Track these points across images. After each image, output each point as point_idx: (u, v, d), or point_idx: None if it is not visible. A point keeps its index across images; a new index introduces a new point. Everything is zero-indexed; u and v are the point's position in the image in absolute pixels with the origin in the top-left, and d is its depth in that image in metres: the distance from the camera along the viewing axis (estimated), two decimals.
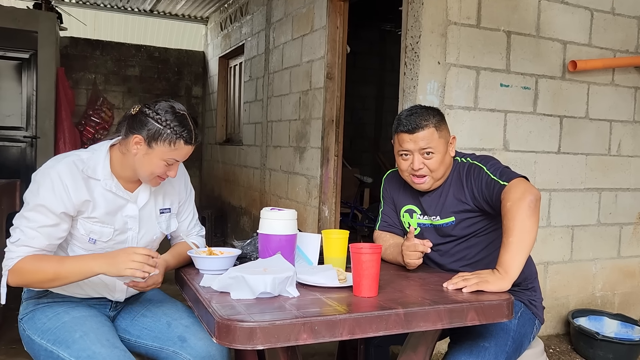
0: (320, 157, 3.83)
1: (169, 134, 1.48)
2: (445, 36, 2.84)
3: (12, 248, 1.45)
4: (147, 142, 1.49)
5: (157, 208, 1.67)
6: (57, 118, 5.84)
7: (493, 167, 1.66)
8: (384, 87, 7.93)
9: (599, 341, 2.91)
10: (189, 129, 1.51)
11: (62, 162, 1.49)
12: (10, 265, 1.44)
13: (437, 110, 1.75)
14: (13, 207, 3.16)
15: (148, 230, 1.65)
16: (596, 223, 3.40)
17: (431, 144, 1.68)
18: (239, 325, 1.12)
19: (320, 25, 3.85)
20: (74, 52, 6.81)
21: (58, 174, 1.46)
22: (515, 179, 1.58)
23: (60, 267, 1.43)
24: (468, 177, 1.70)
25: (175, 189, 1.73)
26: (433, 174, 1.70)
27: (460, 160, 1.77)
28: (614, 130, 3.41)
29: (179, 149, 1.51)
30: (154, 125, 1.48)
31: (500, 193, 1.58)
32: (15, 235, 1.46)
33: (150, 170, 1.53)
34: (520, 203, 1.49)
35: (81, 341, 1.47)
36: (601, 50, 3.30)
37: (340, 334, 1.19)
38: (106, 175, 1.53)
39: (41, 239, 1.45)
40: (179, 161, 1.56)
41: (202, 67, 7.48)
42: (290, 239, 1.60)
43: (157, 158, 1.50)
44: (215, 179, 6.81)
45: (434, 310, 1.29)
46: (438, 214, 1.76)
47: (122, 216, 1.58)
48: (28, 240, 1.45)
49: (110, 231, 1.55)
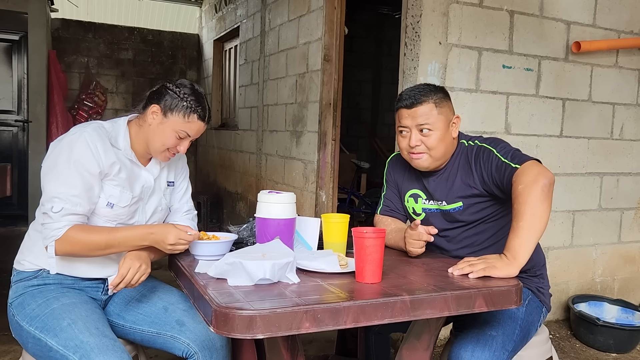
0: (317, 141, 3.76)
1: (185, 105, 1.56)
2: (447, 15, 2.76)
3: (56, 217, 1.45)
4: (163, 111, 1.57)
5: (164, 181, 1.73)
6: (49, 102, 5.72)
7: (503, 150, 1.59)
8: (380, 72, 7.84)
9: (600, 327, 2.88)
10: (203, 106, 1.59)
11: (88, 127, 1.54)
12: (59, 235, 1.45)
13: (441, 88, 1.69)
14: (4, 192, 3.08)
15: (155, 201, 1.69)
16: (597, 208, 3.35)
17: (429, 120, 1.61)
18: (237, 314, 1.06)
19: (317, 5, 3.76)
20: (65, 35, 6.67)
21: (89, 136, 1.51)
22: (528, 162, 1.52)
23: (111, 237, 1.49)
24: (477, 160, 1.63)
25: (179, 165, 1.81)
26: (431, 152, 1.64)
27: (467, 144, 1.70)
28: (617, 114, 3.35)
29: (192, 123, 1.58)
30: (172, 97, 1.56)
31: (511, 176, 1.51)
32: (56, 204, 1.45)
33: (163, 141, 1.58)
34: (533, 186, 1.43)
35: (69, 329, 1.43)
36: (605, 31, 3.23)
37: (344, 322, 1.14)
38: (126, 147, 1.60)
39: (84, 204, 1.48)
40: (190, 137, 1.60)
41: (196, 50, 7.36)
42: (289, 223, 1.54)
43: (170, 129, 1.57)
44: (211, 165, 6.73)
45: (441, 297, 1.24)
46: (444, 198, 1.69)
47: (140, 185, 1.63)
48: (72, 207, 1.46)
49: (129, 197, 1.59)
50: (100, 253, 1.52)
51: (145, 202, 1.67)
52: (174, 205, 1.79)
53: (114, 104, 6.97)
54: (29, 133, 5.63)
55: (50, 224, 1.45)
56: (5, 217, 5.48)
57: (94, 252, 1.51)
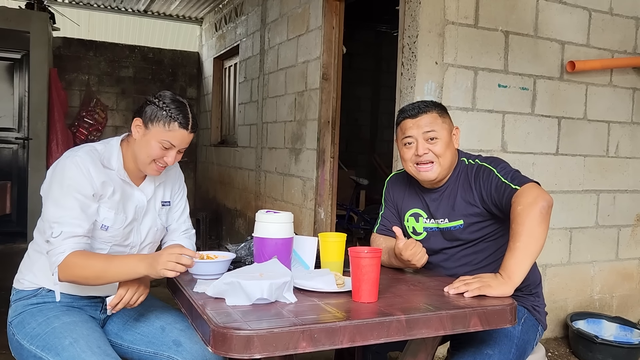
0: (316, 158, 3.79)
1: (164, 114, 1.54)
2: (442, 36, 2.80)
3: (56, 242, 1.45)
4: (145, 123, 1.56)
5: (158, 201, 1.73)
6: (50, 119, 5.76)
7: (504, 170, 1.62)
8: (379, 89, 7.91)
9: (598, 345, 2.88)
10: (185, 114, 1.56)
11: (79, 151, 1.55)
12: (60, 261, 1.44)
13: (440, 103, 1.75)
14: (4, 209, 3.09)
15: (149, 221, 1.69)
16: (594, 225, 3.37)
17: (435, 128, 1.65)
18: (235, 334, 1.07)
19: (315, 25, 3.82)
20: (67, 53, 6.74)
21: (80, 160, 1.52)
22: (528, 184, 1.54)
23: (107, 266, 1.46)
24: (477, 178, 1.66)
25: (176, 184, 1.81)
26: (440, 160, 1.66)
27: (467, 162, 1.73)
28: (612, 132, 3.39)
29: (173, 131, 1.55)
30: (152, 108, 1.56)
31: (511, 196, 1.53)
32: (55, 229, 1.46)
33: (147, 153, 1.57)
34: (532, 208, 1.45)
35: (71, 348, 1.44)
36: (599, 50, 3.28)
37: (341, 342, 1.15)
38: (119, 166, 1.60)
39: (84, 224, 1.49)
40: (175, 147, 1.58)
41: (196, 68, 7.43)
42: (286, 243, 1.56)
43: (154, 140, 1.55)
44: (210, 181, 6.76)
45: (436, 316, 1.25)
46: (447, 216, 1.71)
47: (133, 206, 1.63)
48: (72, 229, 1.46)
49: (123, 219, 1.60)
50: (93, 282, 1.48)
51: (140, 223, 1.67)
52: (171, 225, 1.80)
53: (114, 121, 7.02)
54: (29, 150, 5.66)
55: (53, 249, 1.46)
56: (4, 234, 5.48)
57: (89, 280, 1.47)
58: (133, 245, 1.66)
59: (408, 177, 1.85)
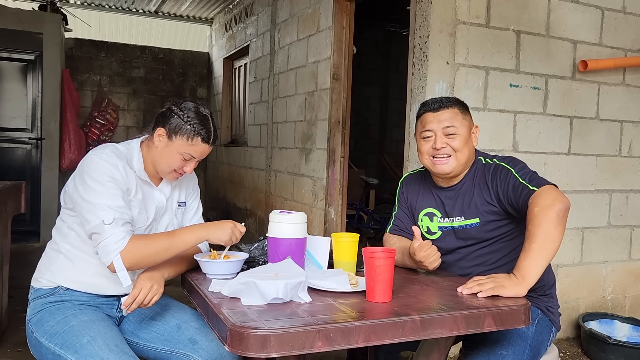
0: (326, 158, 3.80)
1: (188, 129, 1.58)
2: (454, 36, 2.80)
3: (111, 230, 1.45)
4: (168, 134, 1.59)
5: (175, 201, 1.76)
6: (63, 120, 5.82)
7: (522, 171, 1.62)
8: (388, 88, 7.90)
9: (611, 345, 2.87)
10: (207, 129, 1.60)
11: (105, 149, 1.58)
12: (124, 246, 1.46)
13: (463, 101, 1.76)
14: (19, 209, 3.13)
15: (166, 221, 1.72)
16: (607, 225, 3.35)
17: (455, 124, 1.67)
18: (252, 333, 1.09)
19: (326, 25, 3.83)
20: (79, 54, 6.80)
21: (108, 157, 1.55)
22: (546, 185, 1.54)
23: (171, 237, 1.53)
24: (494, 178, 1.66)
25: (190, 185, 1.84)
26: (457, 154, 1.66)
27: (484, 161, 1.73)
28: (625, 131, 3.37)
29: (196, 146, 1.60)
30: (177, 120, 1.59)
31: (528, 197, 1.53)
32: (107, 216, 1.46)
33: (168, 163, 1.61)
34: (549, 210, 1.45)
35: (89, 346, 1.46)
36: (612, 49, 3.26)
37: (356, 341, 1.16)
38: (140, 168, 1.63)
39: (129, 212, 1.52)
40: (196, 158, 1.63)
41: (206, 68, 7.47)
42: (300, 243, 1.57)
43: (175, 151, 1.59)
44: (220, 181, 6.79)
45: (451, 316, 1.26)
46: (462, 214, 1.71)
47: (154, 205, 1.67)
48: (122, 215, 1.48)
49: (145, 218, 1.62)
50: (164, 256, 1.53)
51: (158, 222, 1.70)
52: (185, 224, 1.82)
53: (126, 121, 7.08)
54: (42, 150, 5.72)
55: (108, 238, 1.45)
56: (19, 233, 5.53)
57: (158, 255, 1.52)
58: None
59: (422, 177, 1.86)
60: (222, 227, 1.57)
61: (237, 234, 1.58)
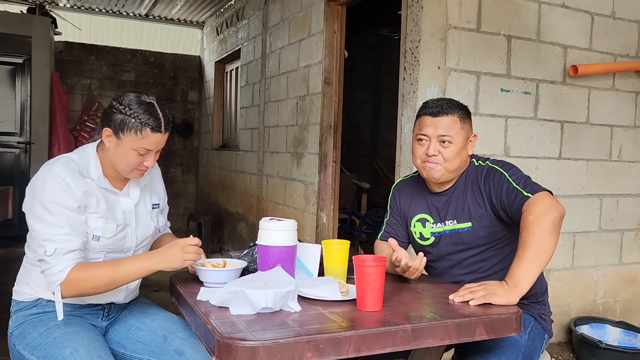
0: (318, 163, 3.79)
1: (133, 122, 1.48)
2: (445, 40, 2.80)
3: (53, 261, 1.42)
4: (115, 133, 1.50)
5: (148, 204, 1.70)
6: (52, 124, 5.77)
7: (515, 175, 1.60)
8: (380, 92, 7.90)
9: (602, 350, 2.87)
10: (155, 117, 1.50)
11: (55, 164, 1.50)
12: (62, 278, 1.42)
13: (465, 106, 1.72)
14: (6, 215, 3.09)
15: (144, 226, 1.66)
16: (597, 229, 3.36)
17: (451, 133, 1.63)
18: (240, 345, 1.07)
19: (317, 29, 3.82)
20: (68, 57, 6.75)
21: (57, 174, 1.46)
22: (541, 192, 1.52)
23: (115, 271, 1.47)
24: (487, 181, 1.64)
25: (160, 186, 1.79)
26: (446, 164, 1.64)
27: (477, 163, 1.71)
28: (615, 136, 3.38)
29: (147, 138, 1.50)
30: (119, 116, 1.48)
31: (522, 204, 1.51)
32: (48, 247, 1.42)
33: (125, 162, 1.53)
34: (544, 218, 1.43)
35: (71, 358, 1.43)
36: (602, 54, 3.27)
37: (346, 352, 1.14)
38: (99, 175, 1.55)
39: (75, 239, 1.45)
40: (152, 150, 1.54)
41: (198, 72, 7.43)
42: (290, 251, 1.55)
43: (128, 148, 1.50)
44: (212, 185, 6.75)
45: (442, 325, 1.24)
46: (454, 217, 1.69)
47: (121, 212, 1.60)
48: (65, 245, 1.43)
49: (114, 227, 1.56)
50: (106, 289, 1.49)
51: (135, 227, 1.63)
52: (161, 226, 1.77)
53: None
54: (31, 155, 5.66)
55: (50, 268, 1.42)
56: (6, 238, 5.48)
57: (100, 288, 1.48)
58: (128, 250, 1.63)
59: (415, 182, 1.84)
60: (170, 255, 1.47)
61: (190, 251, 1.47)
